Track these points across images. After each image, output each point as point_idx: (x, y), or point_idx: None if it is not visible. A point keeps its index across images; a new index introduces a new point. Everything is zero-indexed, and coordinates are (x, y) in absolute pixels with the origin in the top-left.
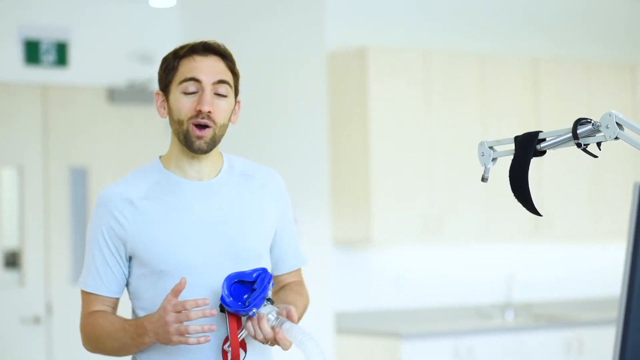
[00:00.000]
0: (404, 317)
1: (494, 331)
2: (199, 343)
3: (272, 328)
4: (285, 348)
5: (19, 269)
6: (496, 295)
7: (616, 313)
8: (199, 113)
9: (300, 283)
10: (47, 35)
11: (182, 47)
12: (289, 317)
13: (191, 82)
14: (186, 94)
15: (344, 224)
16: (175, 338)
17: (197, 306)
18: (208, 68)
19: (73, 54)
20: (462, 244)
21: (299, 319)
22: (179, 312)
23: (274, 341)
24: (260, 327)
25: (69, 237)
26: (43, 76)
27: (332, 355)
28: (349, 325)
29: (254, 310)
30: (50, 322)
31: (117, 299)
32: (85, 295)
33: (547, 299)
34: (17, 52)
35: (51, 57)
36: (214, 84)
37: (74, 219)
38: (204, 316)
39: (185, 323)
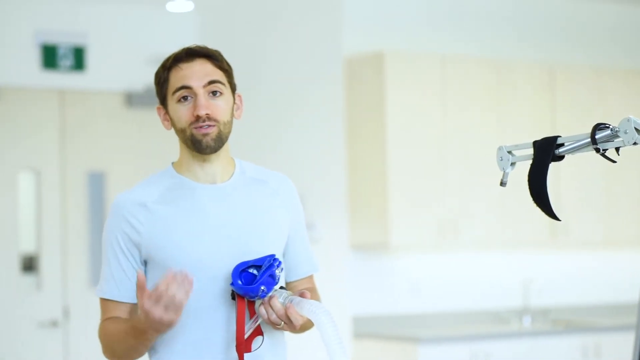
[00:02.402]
0: (421, 321)
1: (510, 336)
2: (188, 295)
3: (283, 305)
4: (296, 323)
5: (37, 273)
6: (513, 300)
7: (634, 318)
8: (198, 118)
9: (313, 289)
10: (64, 40)
11: (168, 59)
12: (302, 297)
13: (183, 91)
14: (181, 102)
15: (361, 229)
16: (166, 316)
17: (168, 283)
18: (195, 73)
19: (90, 58)
20: (479, 249)
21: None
22: (158, 301)
23: (286, 319)
24: (271, 306)
25: (86, 241)
26: (60, 81)
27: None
28: (366, 329)
29: (262, 288)
30: (67, 325)
31: (134, 305)
32: (103, 302)
33: (565, 304)
34: (34, 57)
35: (68, 61)
36: (204, 86)
37: (91, 223)
38: (180, 281)
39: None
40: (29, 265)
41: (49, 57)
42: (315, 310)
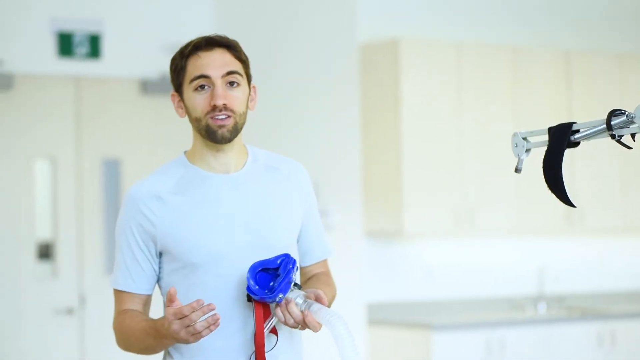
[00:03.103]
0: (435, 308)
1: (525, 323)
2: (211, 332)
3: (301, 311)
4: (315, 330)
5: (52, 261)
6: (528, 287)
7: None
8: (214, 108)
9: (327, 273)
10: (80, 27)
11: (186, 46)
12: (318, 300)
13: (201, 80)
14: (198, 91)
15: (376, 216)
16: (191, 339)
17: (194, 309)
18: (214, 62)
19: (106, 46)
20: (494, 237)
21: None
22: (180, 319)
23: (303, 324)
24: (288, 311)
25: (102, 228)
26: (76, 68)
27: (364, 346)
28: (380, 316)
29: (280, 296)
30: (83, 313)
31: (149, 296)
32: (117, 293)
33: (580, 291)
34: (50, 45)
35: (84, 49)
36: (223, 76)
37: (107, 210)
38: (204, 314)
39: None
40: (45, 252)
41: (65, 44)
42: (333, 322)
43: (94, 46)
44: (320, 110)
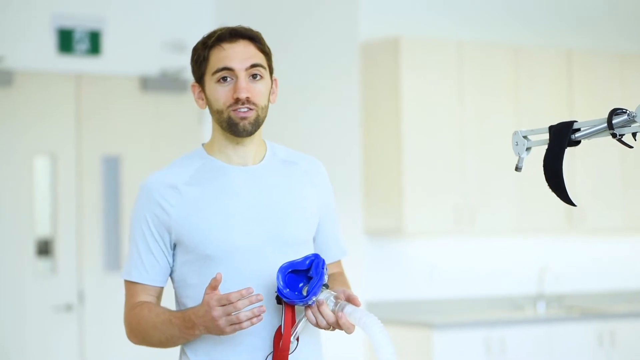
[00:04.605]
0: (435, 307)
1: (525, 322)
2: (252, 324)
3: (333, 312)
4: (348, 332)
5: (52, 257)
6: (528, 286)
7: None
8: (237, 101)
9: (342, 274)
10: (80, 24)
11: (209, 36)
12: (349, 300)
13: (224, 72)
14: (221, 83)
15: (376, 214)
16: (228, 329)
17: (242, 296)
18: (238, 54)
19: (106, 42)
20: (495, 236)
21: None
22: (224, 305)
23: (336, 325)
24: (321, 313)
25: (102, 225)
26: (76, 65)
27: (363, 345)
28: (381, 314)
29: (313, 299)
30: (82, 309)
31: (162, 289)
32: (129, 285)
33: (580, 291)
34: (50, 41)
35: (84, 46)
36: (247, 69)
37: (107, 207)
38: (251, 303)
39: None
40: (44, 249)
41: (65, 41)
42: (369, 324)
43: (94, 43)
44: (320, 107)
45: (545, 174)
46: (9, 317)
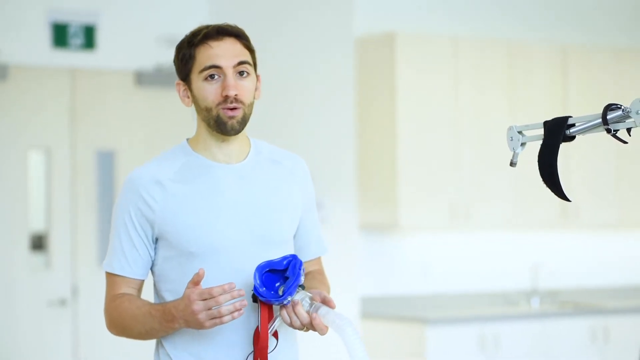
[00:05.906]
0: (429, 302)
1: (519, 318)
2: (233, 319)
3: (308, 313)
4: (321, 333)
5: (46, 252)
6: (522, 282)
7: None
8: (226, 98)
9: (321, 272)
10: (75, 18)
11: (195, 34)
12: (324, 302)
13: (212, 70)
14: (208, 81)
15: (370, 209)
16: (208, 323)
17: (224, 291)
18: (226, 52)
19: (101, 37)
20: (489, 231)
21: None
22: (205, 299)
23: (310, 326)
24: (296, 313)
25: (96, 220)
26: (71, 60)
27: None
28: (374, 310)
29: (289, 299)
30: (76, 304)
31: (142, 281)
32: (110, 277)
33: (573, 287)
34: (45, 36)
35: (79, 40)
36: (234, 66)
37: (101, 202)
38: (233, 298)
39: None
40: (39, 243)
41: (60, 35)
42: (342, 326)
43: (89, 37)
44: (315, 103)
45: (540, 169)
46: (3, 312)
